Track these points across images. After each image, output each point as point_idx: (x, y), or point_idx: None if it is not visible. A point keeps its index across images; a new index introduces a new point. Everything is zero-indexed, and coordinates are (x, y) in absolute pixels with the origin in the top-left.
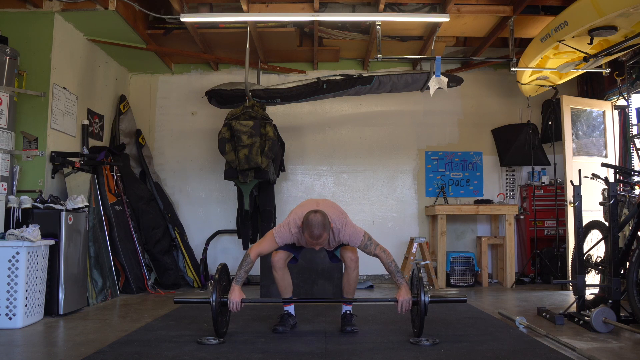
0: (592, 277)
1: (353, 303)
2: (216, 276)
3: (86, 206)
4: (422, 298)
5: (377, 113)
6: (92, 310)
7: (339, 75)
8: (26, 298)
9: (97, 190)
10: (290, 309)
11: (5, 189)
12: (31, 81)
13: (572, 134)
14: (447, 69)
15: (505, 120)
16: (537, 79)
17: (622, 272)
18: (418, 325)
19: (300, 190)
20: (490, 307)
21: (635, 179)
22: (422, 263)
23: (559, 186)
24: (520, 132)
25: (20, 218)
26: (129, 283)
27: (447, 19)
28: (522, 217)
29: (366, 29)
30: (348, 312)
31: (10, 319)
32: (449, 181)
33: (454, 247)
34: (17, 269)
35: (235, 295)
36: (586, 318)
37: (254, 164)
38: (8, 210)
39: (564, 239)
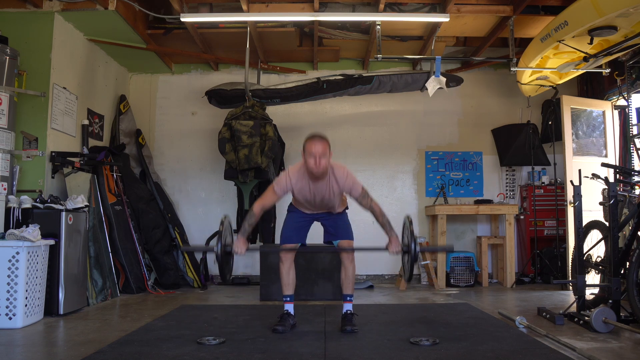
0: (592, 277)
1: (353, 301)
2: (221, 228)
3: (86, 206)
4: (412, 247)
5: (377, 113)
6: (92, 310)
7: (339, 75)
8: (26, 298)
9: (97, 190)
10: (290, 307)
11: (5, 189)
12: (31, 81)
13: (572, 134)
14: (447, 69)
15: (505, 120)
16: (537, 78)
17: (622, 272)
18: (408, 271)
19: None
20: (490, 307)
21: (635, 179)
22: (422, 263)
23: (559, 186)
24: (520, 132)
25: (20, 218)
26: (129, 283)
27: (447, 19)
28: (522, 217)
29: (366, 29)
30: (349, 311)
31: (10, 318)
32: (449, 181)
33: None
34: (17, 269)
35: (240, 245)
36: (586, 318)
37: (254, 164)
38: (8, 210)
39: (564, 239)
